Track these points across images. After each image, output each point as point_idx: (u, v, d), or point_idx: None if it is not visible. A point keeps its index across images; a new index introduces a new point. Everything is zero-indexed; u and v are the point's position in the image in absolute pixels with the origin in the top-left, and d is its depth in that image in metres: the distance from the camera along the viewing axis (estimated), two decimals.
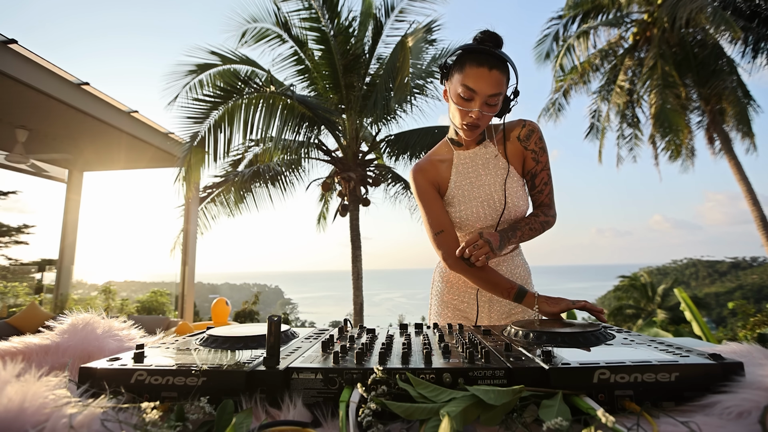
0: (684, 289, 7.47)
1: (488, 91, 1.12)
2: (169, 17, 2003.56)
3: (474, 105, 1.15)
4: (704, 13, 9.01)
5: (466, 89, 1.14)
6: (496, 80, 1.11)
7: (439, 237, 1.29)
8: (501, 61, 1.13)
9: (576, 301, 1.11)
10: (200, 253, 10.52)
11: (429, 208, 1.33)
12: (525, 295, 1.18)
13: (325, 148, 7.65)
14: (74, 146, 5.74)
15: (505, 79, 1.14)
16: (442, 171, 1.35)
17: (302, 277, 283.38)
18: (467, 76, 1.13)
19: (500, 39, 1.16)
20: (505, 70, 1.13)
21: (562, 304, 1.12)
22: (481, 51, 1.13)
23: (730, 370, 0.57)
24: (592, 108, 13.79)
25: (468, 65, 1.13)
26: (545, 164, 1.31)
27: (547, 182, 1.31)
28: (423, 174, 1.35)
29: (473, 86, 1.12)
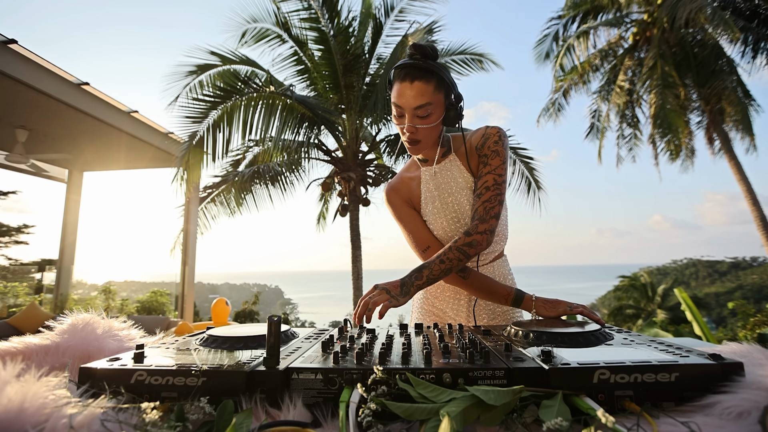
0: (684, 289, 7.47)
1: (412, 104, 1.10)
2: (170, 14, 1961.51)
3: (405, 120, 1.13)
4: (704, 14, 9.02)
5: (395, 106, 1.13)
6: (418, 91, 1.08)
7: (426, 254, 1.28)
8: (425, 71, 1.09)
9: (574, 306, 1.10)
10: (200, 253, 10.53)
11: (409, 226, 1.31)
12: (523, 298, 1.17)
13: (325, 148, 7.65)
14: (74, 146, 5.74)
15: (432, 89, 1.09)
16: (413, 188, 1.34)
17: (302, 277, 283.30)
18: (394, 93, 1.12)
19: (428, 50, 1.12)
20: (430, 79, 1.09)
21: (560, 308, 1.11)
22: (404, 65, 1.11)
23: (730, 370, 0.57)
24: (592, 108, 13.81)
25: (395, 82, 1.12)
26: (494, 168, 1.17)
27: (489, 187, 1.15)
28: (396, 193, 1.35)
29: (399, 102, 1.11)
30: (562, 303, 1.12)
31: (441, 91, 1.12)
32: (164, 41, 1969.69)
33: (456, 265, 1.09)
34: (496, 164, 1.17)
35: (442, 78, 1.11)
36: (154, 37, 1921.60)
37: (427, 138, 1.16)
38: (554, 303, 1.13)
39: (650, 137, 12.66)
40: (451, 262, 1.08)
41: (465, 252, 1.09)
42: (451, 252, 1.09)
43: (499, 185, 1.15)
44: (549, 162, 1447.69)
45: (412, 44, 1.13)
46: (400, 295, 1.01)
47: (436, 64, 1.12)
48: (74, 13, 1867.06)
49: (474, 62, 7.44)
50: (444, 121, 1.17)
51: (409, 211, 1.33)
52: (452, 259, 1.09)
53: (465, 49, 7.40)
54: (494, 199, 1.14)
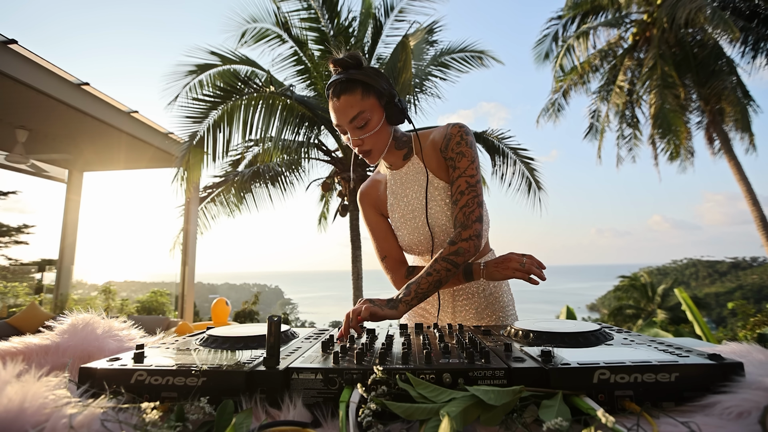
0: (684, 289, 7.48)
1: (346, 119, 1.09)
2: (170, 14, 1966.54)
3: (349, 135, 1.12)
4: (703, 14, 9.02)
5: (336, 126, 1.14)
6: (346, 104, 1.08)
7: (384, 263, 1.29)
8: (347, 83, 1.08)
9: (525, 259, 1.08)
10: (200, 253, 10.54)
11: (373, 234, 1.33)
12: (472, 270, 1.16)
13: (325, 148, 7.65)
14: (74, 146, 5.74)
15: (359, 97, 1.08)
16: (381, 193, 1.33)
17: (302, 277, 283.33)
18: (331, 113, 1.12)
19: (347, 60, 1.10)
20: (354, 89, 1.07)
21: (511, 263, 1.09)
22: (329, 84, 1.11)
23: (730, 370, 0.57)
24: (591, 108, 13.81)
25: (329, 102, 1.13)
26: (463, 170, 1.12)
27: (463, 191, 1.10)
28: (365, 199, 1.35)
29: (335, 121, 1.12)
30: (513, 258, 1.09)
31: (370, 95, 1.09)
32: (164, 41, 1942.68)
33: (445, 276, 1.03)
34: (464, 166, 1.12)
35: (366, 84, 1.08)
36: (154, 37, 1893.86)
37: (376, 145, 1.13)
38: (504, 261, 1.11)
39: (650, 137, 12.67)
40: (439, 274, 1.03)
41: (453, 261, 1.04)
42: (437, 263, 1.04)
43: (473, 187, 1.11)
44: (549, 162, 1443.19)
45: (331, 60, 1.12)
46: (385, 307, 0.95)
47: (359, 71, 1.09)
48: (74, 13, 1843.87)
49: (474, 59, 7.45)
50: (389, 121, 1.14)
51: (375, 218, 1.33)
52: (440, 270, 1.03)
53: (465, 47, 7.41)
54: (471, 202, 1.09)
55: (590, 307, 49.91)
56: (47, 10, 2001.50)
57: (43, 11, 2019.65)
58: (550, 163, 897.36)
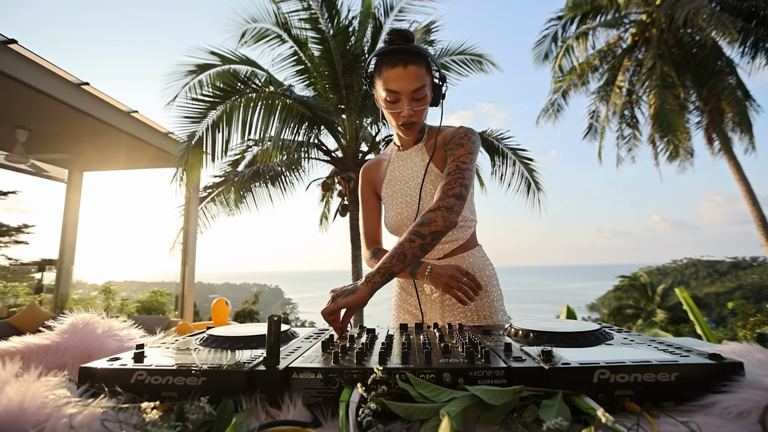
0: (684, 289, 7.48)
1: (410, 88, 1.12)
2: (170, 14, 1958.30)
3: (402, 105, 1.16)
4: (701, 15, 9.01)
5: (390, 92, 1.14)
6: (414, 75, 1.11)
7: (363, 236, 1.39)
8: (414, 54, 1.12)
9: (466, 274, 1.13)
10: (200, 253, 10.53)
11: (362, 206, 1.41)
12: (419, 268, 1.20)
13: (325, 148, 7.65)
14: (74, 146, 5.74)
15: (425, 70, 1.13)
16: (381, 171, 1.38)
17: (302, 277, 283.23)
18: (387, 80, 1.14)
19: (409, 34, 1.14)
20: (421, 62, 1.12)
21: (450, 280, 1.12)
22: (392, 51, 1.13)
23: (730, 370, 0.57)
24: (590, 109, 13.80)
25: (384, 69, 1.14)
26: (457, 157, 1.15)
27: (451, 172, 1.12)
28: (366, 173, 1.42)
29: (395, 87, 1.13)
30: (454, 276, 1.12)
31: (429, 73, 1.16)
32: (164, 41, 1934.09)
33: (409, 248, 0.97)
34: (459, 153, 1.16)
35: (429, 62, 1.15)
36: (154, 37, 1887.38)
37: (421, 119, 1.20)
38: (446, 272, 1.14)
39: (649, 138, 12.67)
40: (402, 246, 0.97)
41: (417, 232, 0.99)
42: (404, 236, 1.00)
43: (461, 171, 1.11)
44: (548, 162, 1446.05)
45: (391, 30, 1.15)
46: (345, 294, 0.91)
47: (421, 46, 1.14)
48: (74, 14, 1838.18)
49: (473, 63, 7.44)
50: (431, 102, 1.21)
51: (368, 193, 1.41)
52: (403, 243, 0.98)
53: (464, 50, 7.39)
54: (454, 182, 1.08)
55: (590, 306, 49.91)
56: (47, 10, 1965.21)
57: (43, 11, 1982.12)
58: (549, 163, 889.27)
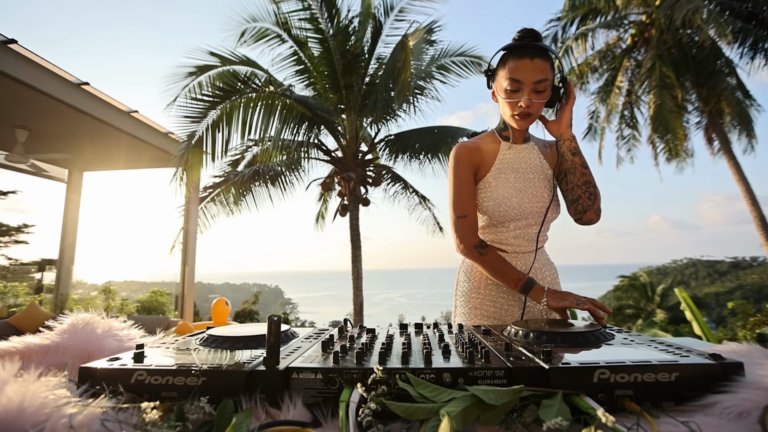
0: (684, 289, 7.48)
1: (533, 78, 1.16)
2: (170, 14, 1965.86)
3: (522, 95, 1.19)
4: (699, 15, 9.00)
5: (512, 81, 1.18)
6: (539, 67, 1.16)
7: (460, 220, 1.27)
8: (542, 50, 1.17)
9: (581, 300, 1.08)
10: (200, 253, 10.55)
11: (460, 189, 1.30)
12: (533, 287, 1.17)
13: (324, 148, 7.65)
14: (74, 146, 5.74)
15: (549, 67, 1.18)
16: (485, 156, 1.35)
17: (302, 277, 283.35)
18: (511, 70, 1.18)
19: (539, 34, 1.21)
20: (547, 58, 1.17)
21: (567, 300, 1.11)
22: (521, 46, 1.18)
23: (730, 370, 0.57)
24: (590, 109, 13.80)
25: (510, 60, 1.19)
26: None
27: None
28: (467, 153, 1.32)
29: (518, 77, 1.17)
30: (571, 296, 1.12)
31: (553, 71, 1.20)
32: (164, 41, 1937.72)
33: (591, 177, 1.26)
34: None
35: (554, 62, 1.20)
36: (154, 37, 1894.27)
37: (536, 113, 1.23)
38: (563, 294, 1.13)
39: (649, 138, 12.67)
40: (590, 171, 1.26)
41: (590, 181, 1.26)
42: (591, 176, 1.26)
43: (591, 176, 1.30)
44: None
45: (523, 29, 1.22)
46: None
47: (549, 46, 1.20)
48: (74, 14, 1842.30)
49: (473, 65, 7.42)
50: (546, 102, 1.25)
51: (469, 175, 1.32)
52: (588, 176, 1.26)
53: (464, 51, 7.38)
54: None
55: None
56: (47, 10, 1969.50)
57: (43, 11, 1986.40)
58: None
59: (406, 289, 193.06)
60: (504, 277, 1.21)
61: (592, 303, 1.08)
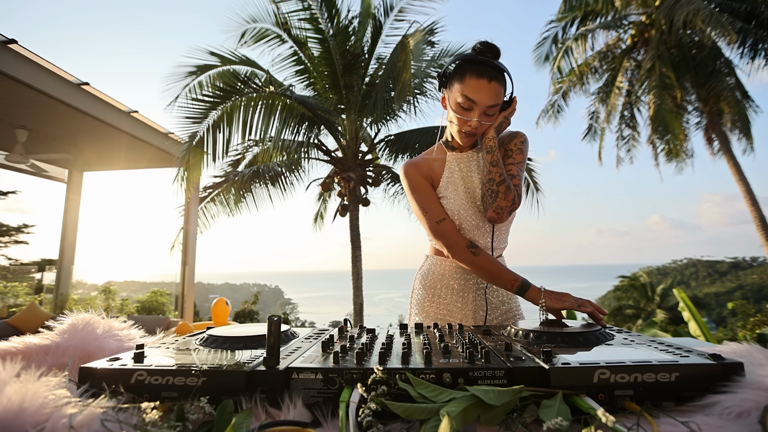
0: (684, 289, 7.49)
1: (488, 102, 1.17)
2: (170, 14, 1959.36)
3: (473, 115, 1.19)
4: (700, 16, 8.99)
5: (466, 99, 1.17)
6: (495, 91, 1.16)
7: (440, 225, 1.27)
8: (499, 72, 1.17)
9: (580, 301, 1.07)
10: (200, 253, 10.55)
11: (425, 199, 1.31)
12: (528, 288, 1.16)
13: (324, 149, 7.65)
14: (74, 146, 5.74)
15: (503, 91, 1.18)
16: (435, 168, 1.36)
17: (302, 277, 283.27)
18: (467, 87, 1.16)
19: (498, 50, 1.20)
20: (502, 81, 1.18)
21: (566, 302, 1.09)
22: (481, 62, 1.17)
23: (730, 370, 0.57)
24: (590, 109, 13.80)
25: (468, 76, 1.16)
26: (516, 162, 1.30)
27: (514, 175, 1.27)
28: (416, 168, 1.35)
29: (473, 97, 1.16)
30: (569, 297, 1.10)
31: (504, 94, 1.22)
32: (164, 41, 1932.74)
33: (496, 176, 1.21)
34: (518, 159, 1.30)
35: (507, 84, 1.21)
36: (154, 37, 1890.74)
37: (480, 133, 1.25)
38: (561, 296, 1.11)
39: (649, 138, 12.67)
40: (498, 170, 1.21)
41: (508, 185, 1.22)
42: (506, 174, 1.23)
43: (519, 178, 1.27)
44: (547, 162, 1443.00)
45: (483, 42, 1.20)
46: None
47: (505, 67, 1.19)
48: (74, 14, 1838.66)
49: None
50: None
51: (426, 185, 1.34)
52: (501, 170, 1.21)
53: (464, 51, 7.38)
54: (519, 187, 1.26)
55: None
56: (47, 11, 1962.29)
57: (43, 11, 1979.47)
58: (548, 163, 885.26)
59: (406, 289, 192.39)
60: (499, 278, 1.20)
61: (590, 304, 1.07)
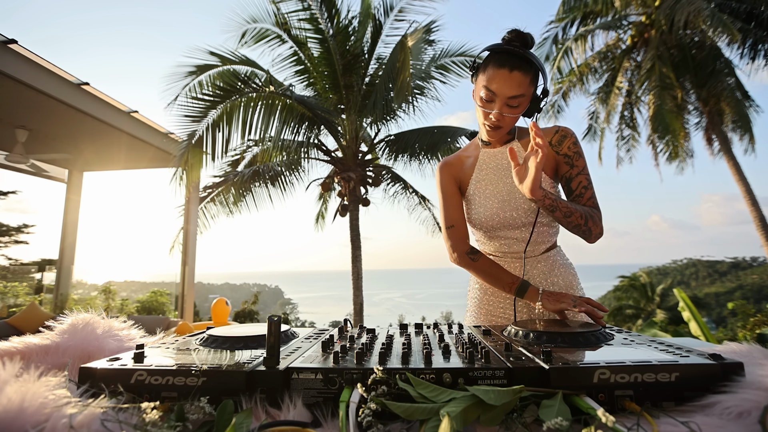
0: (684, 289, 7.51)
1: (508, 93, 1.11)
2: (170, 14, 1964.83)
3: (494, 106, 1.15)
4: (702, 16, 8.99)
5: (487, 91, 1.14)
6: (516, 82, 1.10)
7: (449, 231, 1.32)
8: (525, 61, 1.10)
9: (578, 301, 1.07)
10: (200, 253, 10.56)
11: (445, 202, 1.35)
12: (527, 289, 1.16)
13: (324, 149, 7.65)
14: (74, 146, 5.74)
15: (529, 80, 1.11)
16: (466, 167, 1.36)
17: (302, 277, 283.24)
18: (488, 78, 1.13)
19: (529, 39, 1.13)
20: (528, 70, 1.11)
21: (564, 302, 1.09)
22: (504, 51, 1.12)
23: (730, 370, 0.57)
24: (590, 109, 13.80)
25: (490, 66, 1.13)
26: (582, 168, 1.21)
27: (586, 186, 1.20)
28: (447, 169, 1.37)
29: (493, 88, 1.12)
30: (567, 297, 1.10)
31: (534, 84, 1.14)
32: (164, 41, 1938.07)
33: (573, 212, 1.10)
34: (582, 165, 1.22)
35: (538, 72, 1.14)
36: (154, 37, 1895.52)
37: (507, 126, 1.19)
38: (559, 296, 1.11)
39: (649, 138, 12.68)
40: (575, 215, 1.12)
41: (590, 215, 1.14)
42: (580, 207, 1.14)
43: (592, 184, 1.22)
44: None
45: (512, 30, 1.14)
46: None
47: (534, 55, 1.12)
48: (74, 14, 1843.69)
49: None
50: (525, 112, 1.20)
51: (452, 189, 1.36)
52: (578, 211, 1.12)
53: (464, 51, 7.37)
54: (595, 196, 1.21)
55: None
56: (47, 11, 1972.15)
57: (43, 11, 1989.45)
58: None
59: (406, 289, 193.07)
60: (497, 281, 1.21)
61: (588, 303, 1.07)
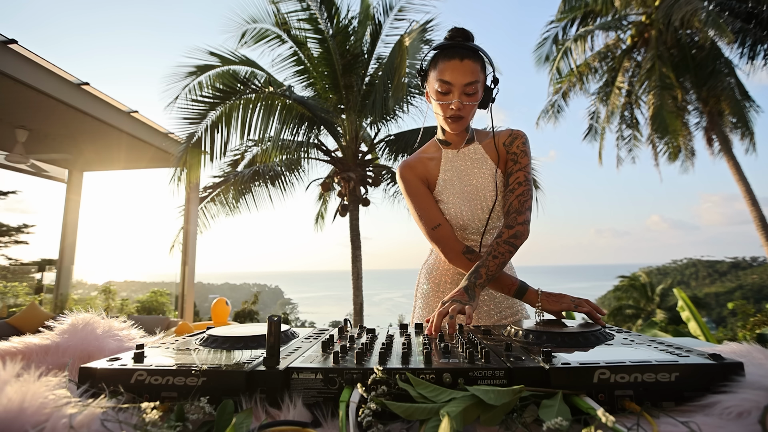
0: (684, 289, 7.52)
1: (463, 80, 1.15)
2: (170, 14, 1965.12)
3: (452, 97, 1.18)
4: (698, 17, 8.99)
5: (442, 83, 1.17)
6: (469, 69, 1.14)
7: (435, 231, 1.27)
8: (472, 51, 1.16)
9: (577, 301, 1.07)
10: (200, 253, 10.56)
11: (421, 203, 1.30)
12: (526, 291, 1.17)
13: (324, 148, 7.65)
14: (74, 146, 5.74)
15: (480, 68, 1.16)
16: (430, 168, 1.34)
17: (302, 277, 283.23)
18: (441, 71, 1.17)
19: (469, 34, 1.19)
20: (477, 59, 1.16)
21: (564, 303, 1.10)
22: (451, 46, 1.17)
23: (730, 370, 0.57)
24: (590, 110, 13.80)
25: (441, 60, 1.17)
26: (523, 166, 1.26)
27: (521, 183, 1.23)
28: (411, 170, 1.34)
29: (448, 78, 1.16)
30: (566, 298, 1.11)
31: (484, 72, 1.19)
32: (164, 41, 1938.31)
33: (507, 258, 1.13)
34: (525, 163, 1.26)
35: (485, 62, 1.19)
36: (154, 37, 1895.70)
37: (468, 115, 1.22)
38: (558, 297, 1.12)
39: (649, 138, 12.68)
40: (503, 256, 1.13)
41: (513, 244, 1.15)
42: (500, 246, 1.14)
43: (529, 181, 1.24)
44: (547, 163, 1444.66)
45: (453, 28, 1.19)
46: (470, 300, 1.02)
47: (479, 46, 1.17)
48: (74, 14, 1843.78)
49: None
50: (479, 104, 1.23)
51: (423, 189, 1.33)
52: (503, 253, 1.13)
53: None
54: (527, 193, 1.22)
55: None
56: (47, 11, 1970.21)
57: (43, 12, 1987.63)
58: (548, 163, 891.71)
59: (406, 289, 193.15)
60: (497, 283, 1.21)
61: (587, 306, 1.07)
